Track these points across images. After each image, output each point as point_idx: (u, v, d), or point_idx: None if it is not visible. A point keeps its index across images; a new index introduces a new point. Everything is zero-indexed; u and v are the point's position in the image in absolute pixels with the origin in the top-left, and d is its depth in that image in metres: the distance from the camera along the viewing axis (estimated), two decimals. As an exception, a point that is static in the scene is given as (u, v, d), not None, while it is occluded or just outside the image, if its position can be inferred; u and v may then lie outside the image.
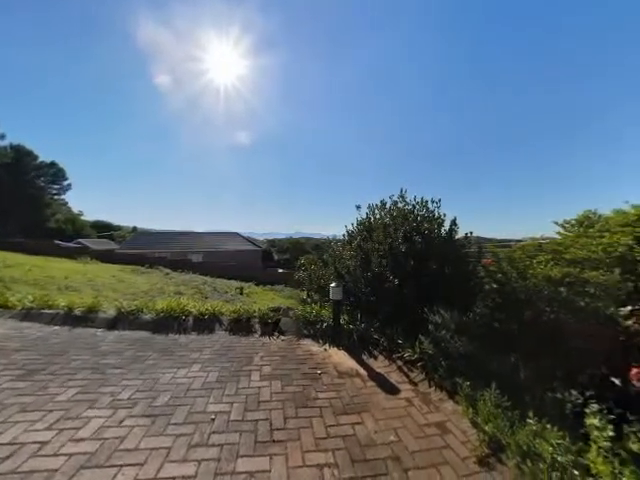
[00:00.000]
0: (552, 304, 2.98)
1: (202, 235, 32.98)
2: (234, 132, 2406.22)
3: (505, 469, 1.96)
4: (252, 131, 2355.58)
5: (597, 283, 2.85)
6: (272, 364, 3.36)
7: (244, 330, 4.40)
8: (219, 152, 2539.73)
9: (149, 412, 2.38)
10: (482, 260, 4.27)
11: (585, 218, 4.29)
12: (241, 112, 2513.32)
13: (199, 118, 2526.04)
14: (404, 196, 4.86)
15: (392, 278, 4.22)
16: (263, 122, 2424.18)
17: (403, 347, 3.54)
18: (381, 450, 2.09)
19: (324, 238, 7.00)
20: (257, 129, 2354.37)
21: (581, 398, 2.30)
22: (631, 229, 3.15)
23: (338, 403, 2.64)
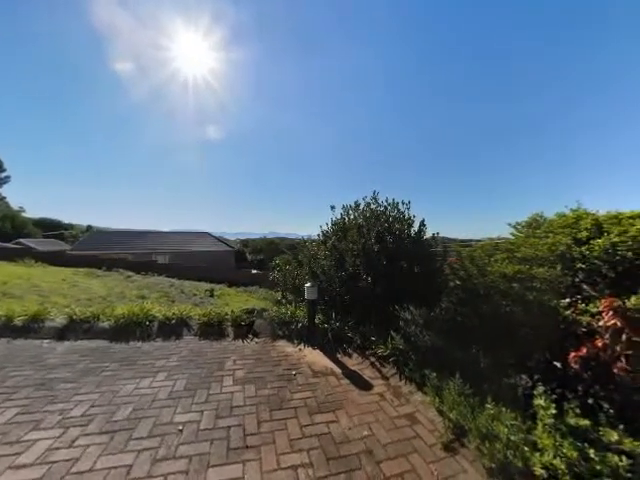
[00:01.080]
0: (507, 298, 3.29)
1: (169, 235, 30.93)
2: (204, 127, 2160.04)
3: (467, 452, 2.12)
4: (223, 126, 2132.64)
5: (543, 278, 3.20)
6: (245, 368, 3.26)
7: (215, 334, 4.22)
8: (187, 147, 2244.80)
9: (107, 428, 2.18)
10: (447, 259, 4.57)
11: (533, 220, 4.81)
12: (211, 106, 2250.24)
13: (165, 110, 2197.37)
14: (376, 198, 5.02)
15: (365, 277, 4.35)
16: (235, 118, 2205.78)
17: (376, 344, 3.66)
18: (355, 445, 2.14)
19: (299, 238, 6.97)
20: (229, 125, 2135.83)
21: (530, 382, 2.57)
22: (569, 230, 3.59)
23: (313, 402, 2.65)
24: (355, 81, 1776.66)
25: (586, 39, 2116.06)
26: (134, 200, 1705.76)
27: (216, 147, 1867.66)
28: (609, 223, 3.22)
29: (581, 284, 3.29)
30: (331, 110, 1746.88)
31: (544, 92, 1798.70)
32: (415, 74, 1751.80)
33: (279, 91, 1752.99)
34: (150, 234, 30.24)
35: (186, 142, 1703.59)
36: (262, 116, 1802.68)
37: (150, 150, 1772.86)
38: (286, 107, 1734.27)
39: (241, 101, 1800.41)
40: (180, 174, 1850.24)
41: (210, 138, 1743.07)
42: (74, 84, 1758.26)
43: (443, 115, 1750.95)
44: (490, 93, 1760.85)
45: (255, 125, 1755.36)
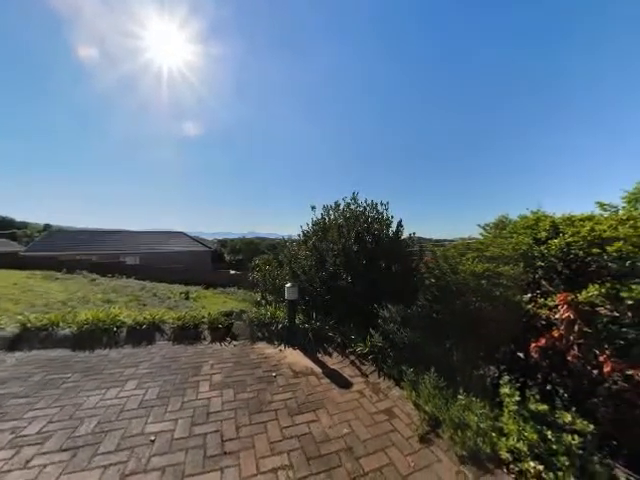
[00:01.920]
0: (476, 295, 3.50)
1: (139, 234, 29.10)
2: (180, 121, 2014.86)
3: (442, 442, 2.23)
4: (202, 122, 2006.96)
5: (508, 276, 3.45)
6: (223, 371, 3.16)
7: (191, 338, 4.05)
8: (162, 142, 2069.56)
9: (68, 445, 2.01)
10: (423, 258, 4.77)
11: (499, 222, 5.16)
12: (189, 101, 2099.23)
13: (137, 102, 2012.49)
14: (356, 198, 5.11)
15: (346, 277, 4.40)
16: (215, 114, 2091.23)
17: (356, 342, 3.72)
18: (335, 444, 2.16)
19: (280, 238, 6.89)
20: (208, 121, 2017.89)
21: (497, 372, 2.76)
22: (530, 231, 3.90)
23: (293, 403, 2.63)
24: (337, 83, 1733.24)
25: (552, 51, 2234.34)
26: (101, 198, 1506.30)
27: (194, 143, 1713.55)
28: (564, 224, 3.54)
29: (540, 280, 3.59)
30: (314, 111, 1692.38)
31: (514, 101, 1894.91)
32: (395, 79, 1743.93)
33: (261, 89, 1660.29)
34: (118, 234, 28.27)
35: (160, 137, 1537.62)
36: (244, 114, 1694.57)
37: (120, 144, 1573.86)
38: (269, 106, 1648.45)
39: (221, 97, 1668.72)
40: (154, 171, 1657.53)
41: (187, 134, 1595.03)
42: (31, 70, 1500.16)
43: (420, 120, 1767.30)
44: (464, 101, 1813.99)
45: (236, 123, 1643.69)
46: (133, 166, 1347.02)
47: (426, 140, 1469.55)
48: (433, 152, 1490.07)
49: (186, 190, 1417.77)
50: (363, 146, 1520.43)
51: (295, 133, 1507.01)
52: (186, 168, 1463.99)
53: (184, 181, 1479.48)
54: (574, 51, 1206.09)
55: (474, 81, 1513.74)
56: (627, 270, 2.79)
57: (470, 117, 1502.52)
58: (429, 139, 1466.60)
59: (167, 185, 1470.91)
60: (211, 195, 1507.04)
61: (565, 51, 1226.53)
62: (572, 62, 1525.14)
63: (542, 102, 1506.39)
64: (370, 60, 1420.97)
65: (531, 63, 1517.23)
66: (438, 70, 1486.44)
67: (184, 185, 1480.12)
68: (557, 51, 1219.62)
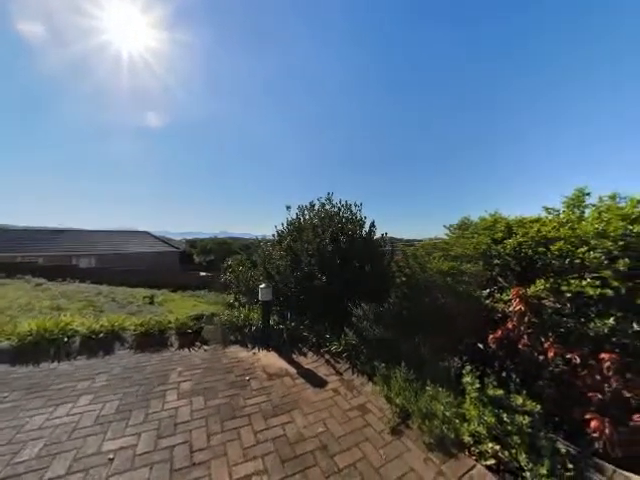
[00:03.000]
0: (442, 291, 3.74)
1: (95, 234, 26.51)
2: (142, 111, 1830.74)
3: (411, 432, 2.34)
4: (168, 114, 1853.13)
5: (469, 273, 3.73)
6: (193, 379, 3.01)
7: (156, 345, 3.78)
8: (121, 133, 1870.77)
9: (7, 473, 1.76)
10: (394, 257, 4.97)
11: (463, 223, 5.55)
12: (152, 90, 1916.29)
13: (91, 87, 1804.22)
14: (331, 199, 5.17)
15: (320, 276, 4.43)
16: (182, 106, 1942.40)
17: (330, 341, 3.76)
18: (310, 443, 2.17)
19: (253, 238, 6.73)
20: (175, 113, 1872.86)
21: (460, 362, 2.96)
22: (489, 232, 4.26)
23: (268, 406, 2.59)
24: (315, 82, 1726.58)
25: (521, 60, 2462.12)
26: (48, 193, 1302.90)
27: (160, 136, 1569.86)
28: (517, 226, 3.92)
29: (497, 277, 3.94)
30: (290, 110, 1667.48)
31: (481, 107, 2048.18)
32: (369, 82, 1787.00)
33: (234, 84, 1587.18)
34: (69, 233, 25.46)
35: (120, 126, 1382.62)
36: (215, 108, 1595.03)
37: (70, 134, 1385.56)
38: (243, 102, 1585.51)
39: (190, 89, 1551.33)
40: (112, 164, 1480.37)
41: (152, 125, 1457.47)
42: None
43: (395, 124, 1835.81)
44: (435, 105, 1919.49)
45: (207, 117, 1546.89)
46: (86, 158, 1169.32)
47: (399, 144, 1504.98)
48: (405, 155, 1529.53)
49: (151, 187, 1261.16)
50: (339, 147, 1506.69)
51: (270, 132, 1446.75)
52: (152, 163, 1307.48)
53: (149, 177, 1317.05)
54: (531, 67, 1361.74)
55: (445, 89, 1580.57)
56: (566, 266, 3.17)
57: (442, 123, 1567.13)
58: (402, 143, 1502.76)
59: (129, 181, 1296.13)
60: (180, 193, 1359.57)
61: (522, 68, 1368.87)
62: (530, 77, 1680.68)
63: (502, 113, 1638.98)
64: (348, 60, 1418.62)
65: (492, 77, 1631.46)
66: (410, 76, 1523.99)
67: (149, 181, 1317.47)
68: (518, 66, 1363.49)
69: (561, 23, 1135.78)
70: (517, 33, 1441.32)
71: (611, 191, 3.48)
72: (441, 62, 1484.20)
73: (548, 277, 3.17)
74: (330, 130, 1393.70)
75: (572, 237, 3.20)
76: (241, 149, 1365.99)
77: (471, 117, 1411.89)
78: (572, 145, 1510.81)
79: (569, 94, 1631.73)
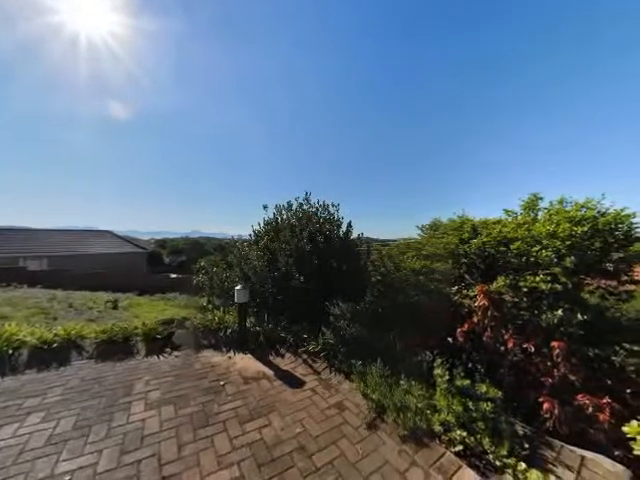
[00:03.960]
0: (415, 289, 3.91)
1: (47, 233, 23.89)
2: (103, 100, 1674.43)
3: (386, 426, 2.42)
4: (133, 105, 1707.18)
5: (440, 271, 3.95)
6: (162, 387, 2.83)
7: (121, 353, 3.51)
8: (78, 123, 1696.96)
9: None
10: (370, 257, 5.10)
11: (434, 224, 5.86)
12: (115, 77, 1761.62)
13: (42, 71, 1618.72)
14: (308, 199, 5.17)
15: (298, 276, 4.41)
16: (149, 97, 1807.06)
17: (308, 341, 3.76)
18: (288, 445, 2.15)
19: (228, 238, 6.51)
20: (140, 103, 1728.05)
21: (431, 356, 3.12)
22: (457, 232, 4.55)
23: (244, 411, 2.52)
24: (289, 81, 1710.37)
25: (486, 72, 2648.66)
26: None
27: (124, 128, 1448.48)
28: (481, 227, 4.23)
29: (464, 274, 4.21)
30: (264, 108, 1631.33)
31: (448, 116, 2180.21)
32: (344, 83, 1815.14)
33: (207, 78, 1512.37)
34: (15, 232, 22.71)
35: (77, 116, 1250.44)
36: (186, 101, 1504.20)
37: (17, 122, 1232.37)
38: (215, 97, 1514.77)
39: (158, 80, 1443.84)
40: (67, 157, 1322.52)
41: (114, 116, 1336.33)
42: None
43: (371, 126, 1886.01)
44: (405, 112, 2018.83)
45: (177, 110, 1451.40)
46: (37, 149, 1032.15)
47: (375, 146, 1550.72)
48: (381, 157, 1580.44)
49: (117, 183, 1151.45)
50: (316, 147, 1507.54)
51: (245, 129, 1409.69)
52: (117, 157, 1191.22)
53: (114, 172, 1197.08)
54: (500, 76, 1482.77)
55: (420, 93, 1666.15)
56: (523, 264, 3.49)
57: (416, 126, 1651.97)
58: (378, 145, 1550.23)
59: (88, 176, 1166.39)
60: (147, 190, 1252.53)
61: (493, 76, 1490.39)
62: (498, 87, 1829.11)
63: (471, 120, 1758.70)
64: (324, 61, 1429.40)
65: (462, 85, 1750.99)
66: (383, 79, 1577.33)
67: (114, 177, 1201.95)
68: (488, 75, 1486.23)
69: (535, 33, 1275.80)
70: (490, 42, 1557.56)
71: (560, 196, 3.88)
72: (417, 66, 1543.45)
73: (508, 274, 3.46)
74: (305, 131, 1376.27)
75: (528, 237, 3.53)
76: (215, 145, 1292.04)
77: (445, 121, 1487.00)
78: (536, 150, 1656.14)
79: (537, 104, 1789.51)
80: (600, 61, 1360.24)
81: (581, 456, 2.14)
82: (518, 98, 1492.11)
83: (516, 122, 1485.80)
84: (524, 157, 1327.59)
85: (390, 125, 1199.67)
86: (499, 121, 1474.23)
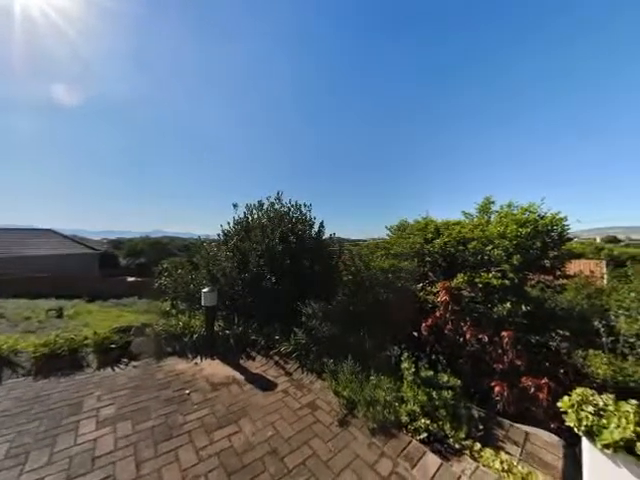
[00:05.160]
0: (384, 287, 4.07)
1: (-28, 232, 20.43)
2: (47, 82, 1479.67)
3: (357, 421, 2.48)
4: (83, 88, 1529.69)
5: (406, 269, 4.17)
6: (117, 402, 2.59)
7: (67, 368, 3.13)
8: (15, 107, 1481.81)
9: None
10: (342, 256, 5.20)
11: (401, 224, 6.16)
12: (62, 57, 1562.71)
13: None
14: (280, 198, 5.10)
15: (270, 277, 4.33)
16: (103, 81, 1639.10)
17: (280, 342, 3.71)
18: (259, 450, 2.10)
19: (195, 238, 6.16)
20: (93, 88, 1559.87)
21: (399, 350, 3.28)
22: (422, 233, 4.84)
23: (212, 419, 2.41)
24: (262, 75, 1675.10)
25: (453, 77, 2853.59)
26: None
27: (72, 115, 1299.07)
28: (443, 228, 4.55)
29: (428, 272, 4.50)
30: (235, 103, 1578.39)
31: (413, 119, 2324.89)
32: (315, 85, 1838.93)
33: (173, 67, 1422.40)
34: None
35: (12, 99, 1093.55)
36: (148, 89, 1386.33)
37: None
38: (182, 87, 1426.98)
39: (113, 63, 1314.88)
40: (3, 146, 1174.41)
41: (60, 100, 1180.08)
42: None
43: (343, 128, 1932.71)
44: (371, 114, 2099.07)
45: (137, 98, 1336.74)
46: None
47: (348, 149, 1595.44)
48: (352, 159, 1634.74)
49: (63, 177, 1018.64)
50: (289, 146, 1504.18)
51: (216, 124, 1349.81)
52: (63, 147, 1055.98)
53: (60, 165, 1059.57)
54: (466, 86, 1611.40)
55: (388, 98, 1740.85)
56: (479, 262, 3.83)
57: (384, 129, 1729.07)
58: (351, 148, 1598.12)
59: (27, 167, 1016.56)
60: (99, 185, 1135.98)
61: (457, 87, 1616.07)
62: (463, 95, 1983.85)
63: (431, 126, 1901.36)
64: (296, 61, 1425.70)
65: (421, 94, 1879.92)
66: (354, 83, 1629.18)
67: (60, 170, 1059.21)
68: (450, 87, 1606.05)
69: (503, 41, 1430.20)
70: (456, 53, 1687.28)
71: (508, 200, 4.33)
72: (389, 72, 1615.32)
73: (466, 271, 3.76)
74: (280, 128, 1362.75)
75: (482, 238, 3.88)
76: (181, 139, 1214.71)
77: (415, 123, 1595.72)
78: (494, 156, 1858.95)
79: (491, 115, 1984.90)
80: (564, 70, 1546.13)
81: (525, 432, 2.41)
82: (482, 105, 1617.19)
83: (478, 129, 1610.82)
84: (486, 160, 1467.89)
85: (363, 124, 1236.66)
86: (467, 123, 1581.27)
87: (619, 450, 1.39)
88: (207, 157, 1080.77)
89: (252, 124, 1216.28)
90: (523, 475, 1.96)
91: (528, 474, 1.97)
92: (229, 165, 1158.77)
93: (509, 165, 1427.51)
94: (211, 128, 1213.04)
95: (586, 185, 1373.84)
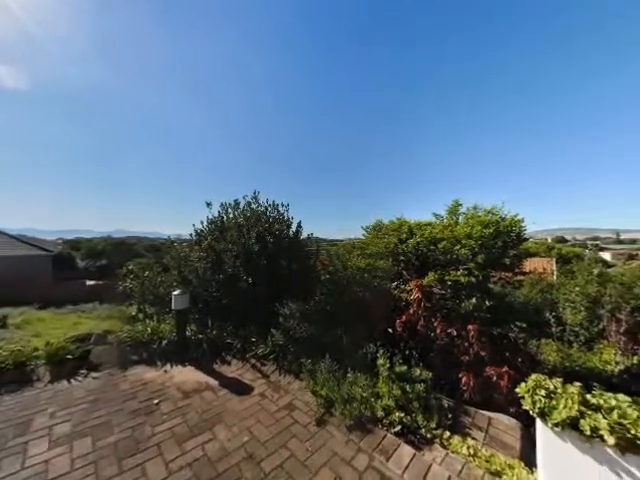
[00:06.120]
0: (361, 286, 4.16)
1: None
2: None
3: (335, 419, 2.51)
4: (29, 71, 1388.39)
5: (382, 268, 4.30)
6: (74, 417, 2.36)
7: (13, 383, 2.79)
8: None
9: None
10: (319, 256, 5.22)
11: (377, 225, 6.34)
12: (6, 35, 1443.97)
13: None
14: (257, 197, 4.99)
15: (246, 278, 4.22)
16: (56, 65, 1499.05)
17: (257, 344, 3.63)
18: (235, 456, 2.04)
19: (164, 238, 5.81)
20: (42, 72, 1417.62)
21: (375, 347, 3.37)
22: (396, 233, 5.02)
23: (183, 429, 2.29)
24: (235, 71, 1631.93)
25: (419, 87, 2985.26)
26: None
27: (16, 99, 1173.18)
28: (416, 228, 4.76)
29: (402, 271, 4.68)
30: (207, 97, 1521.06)
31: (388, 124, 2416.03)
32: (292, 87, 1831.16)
33: (140, 57, 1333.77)
34: None
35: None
36: (107, 77, 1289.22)
37: None
38: (150, 78, 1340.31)
39: (66, 46, 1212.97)
40: None
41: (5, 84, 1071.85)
42: None
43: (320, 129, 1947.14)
44: (347, 119, 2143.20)
45: (94, 85, 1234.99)
46: None
47: (324, 150, 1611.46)
48: (330, 160, 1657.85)
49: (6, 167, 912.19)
50: (265, 146, 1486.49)
51: (182, 118, 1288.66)
52: (6, 136, 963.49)
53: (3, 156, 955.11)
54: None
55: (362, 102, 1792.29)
56: (448, 261, 4.06)
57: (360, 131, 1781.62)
58: (327, 149, 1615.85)
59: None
60: (52, 179, 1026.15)
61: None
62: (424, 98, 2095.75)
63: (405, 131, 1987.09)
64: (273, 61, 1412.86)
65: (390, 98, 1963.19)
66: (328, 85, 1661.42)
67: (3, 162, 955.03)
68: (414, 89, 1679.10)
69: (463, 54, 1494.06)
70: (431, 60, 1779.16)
71: (474, 202, 4.65)
72: (367, 75, 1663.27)
73: (437, 270, 3.97)
74: (257, 126, 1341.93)
75: (451, 238, 4.12)
76: (148, 134, 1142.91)
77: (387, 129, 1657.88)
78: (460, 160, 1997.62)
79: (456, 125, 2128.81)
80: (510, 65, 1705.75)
81: (488, 417, 2.60)
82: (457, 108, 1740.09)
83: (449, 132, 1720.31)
84: (455, 163, 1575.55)
85: (343, 127, 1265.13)
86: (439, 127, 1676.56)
87: (566, 427, 1.55)
88: (178, 155, 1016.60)
89: (228, 123, 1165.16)
90: (486, 457, 2.11)
91: (491, 456, 2.13)
92: (203, 164, 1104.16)
93: (475, 168, 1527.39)
94: (184, 124, 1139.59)
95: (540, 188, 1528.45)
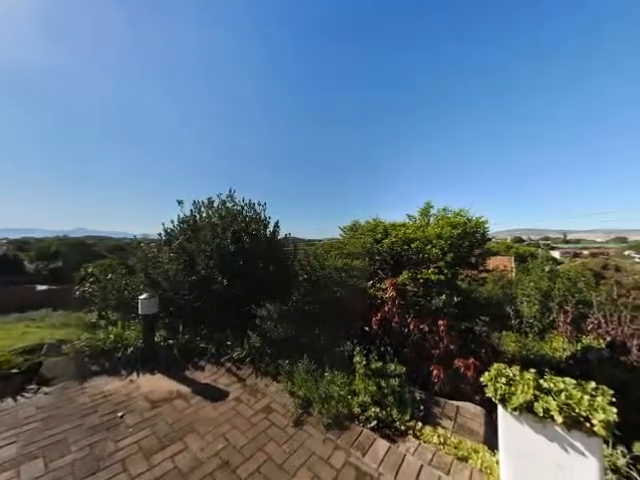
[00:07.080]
0: (338, 285, 4.22)
1: None
2: None
3: (312, 419, 2.51)
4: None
5: (358, 268, 4.39)
6: (22, 438, 2.11)
7: (-59, 404, 2.42)
8: None
9: None
10: (297, 256, 5.20)
11: (353, 225, 6.48)
12: None
13: None
14: (233, 196, 4.84)
15: (221, 279, 4.07)
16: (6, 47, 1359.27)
17: (233, 348, 3.52)
18: (208, 465, 1.96)
19: (129, 238, 5.41)
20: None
21: (352, 345, 3.43)
22: (372, 233, 5.17)
23: (151, 441, 2.15)
24: (208, 60, 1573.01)
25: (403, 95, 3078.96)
26: None
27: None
28: (391, 229, 4.93)
29: (378, 270, 4.82)
30: (178, 86, 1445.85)
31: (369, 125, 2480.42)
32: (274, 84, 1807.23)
33: (97, 39, 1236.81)
34: None
35: None
36: (62, 62, 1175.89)
37: None
38: (107, 64, 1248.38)
39: (19, 29, 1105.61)
40: None
41: None
42: None
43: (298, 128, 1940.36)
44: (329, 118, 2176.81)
45: (45, 69, 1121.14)
46: None
47: (303, 148, 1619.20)
48: (309, 159, 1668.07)
49: None
50: (241, 141, 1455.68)
51: (149, 108, 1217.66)
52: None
53: None
54: None
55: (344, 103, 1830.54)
56: (420, 260, 4.26)
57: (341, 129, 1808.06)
58: (306, 148, 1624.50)
59: None
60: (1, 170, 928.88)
61: None
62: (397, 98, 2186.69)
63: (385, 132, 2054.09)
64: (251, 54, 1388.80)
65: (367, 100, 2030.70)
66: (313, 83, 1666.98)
67: None
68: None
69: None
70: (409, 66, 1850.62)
71: (444, 205, 4.92)
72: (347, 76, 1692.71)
73: (410, 268, 4.15)
74: (234, 120, 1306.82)
75: (423, 238, 4.33)
76: (109, 121, 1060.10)
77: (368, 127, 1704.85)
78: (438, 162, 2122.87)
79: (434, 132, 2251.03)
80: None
81: (457, 406, 2.77)
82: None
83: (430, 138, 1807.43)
84: (428, 167, 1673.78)
85: (313, 125, 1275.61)
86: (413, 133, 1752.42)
87: (523, 411, 1.71)
88: (146, 146, 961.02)
89: (203, 117, 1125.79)
90: (455, 444, 2.24)
91: (459, 443, 2.27)
92: (175, 157, 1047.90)
93: (447, 172, 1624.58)
94: (151, 114, 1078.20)
95: (503, 192, 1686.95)
